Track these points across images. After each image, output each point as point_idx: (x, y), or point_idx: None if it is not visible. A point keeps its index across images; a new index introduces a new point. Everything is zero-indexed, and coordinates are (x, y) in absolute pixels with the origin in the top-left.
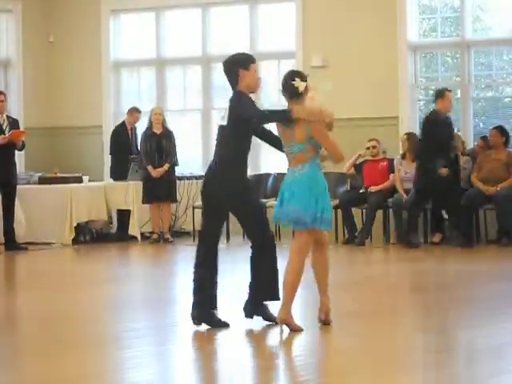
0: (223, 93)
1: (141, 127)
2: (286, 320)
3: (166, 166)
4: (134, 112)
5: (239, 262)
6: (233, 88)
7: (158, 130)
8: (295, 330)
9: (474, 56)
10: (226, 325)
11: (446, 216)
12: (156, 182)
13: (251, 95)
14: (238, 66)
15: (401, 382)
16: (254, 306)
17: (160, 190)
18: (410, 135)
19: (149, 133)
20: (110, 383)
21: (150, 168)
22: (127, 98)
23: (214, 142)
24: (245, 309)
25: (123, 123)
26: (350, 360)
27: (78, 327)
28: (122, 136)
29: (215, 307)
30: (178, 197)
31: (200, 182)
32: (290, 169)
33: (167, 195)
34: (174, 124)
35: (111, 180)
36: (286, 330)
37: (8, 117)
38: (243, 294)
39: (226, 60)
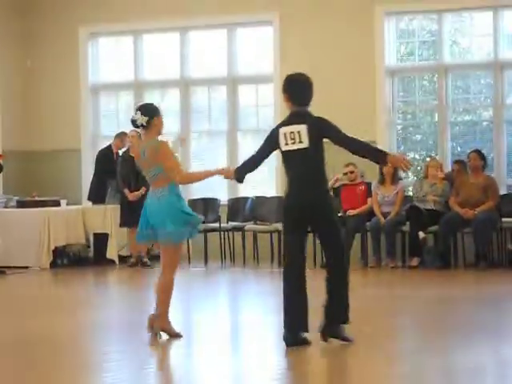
0: (201, 116)
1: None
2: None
3: (143, 190)
4: (124, 137)
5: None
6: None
7: (133, 154)
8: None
9: (452, 80)
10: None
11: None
12: (133, 206)
13: None
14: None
15: None
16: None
17: (137, 214)
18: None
19: (126, 156)
20: None
21: (126, 191)
22: (105, 121)
23: (191, 165)
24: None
25: (109, 147)
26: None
27: (56, 352)
28: (107, 159)
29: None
30: None
31: None
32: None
33: None
34: None
35: (89, 202)
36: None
37: None
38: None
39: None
